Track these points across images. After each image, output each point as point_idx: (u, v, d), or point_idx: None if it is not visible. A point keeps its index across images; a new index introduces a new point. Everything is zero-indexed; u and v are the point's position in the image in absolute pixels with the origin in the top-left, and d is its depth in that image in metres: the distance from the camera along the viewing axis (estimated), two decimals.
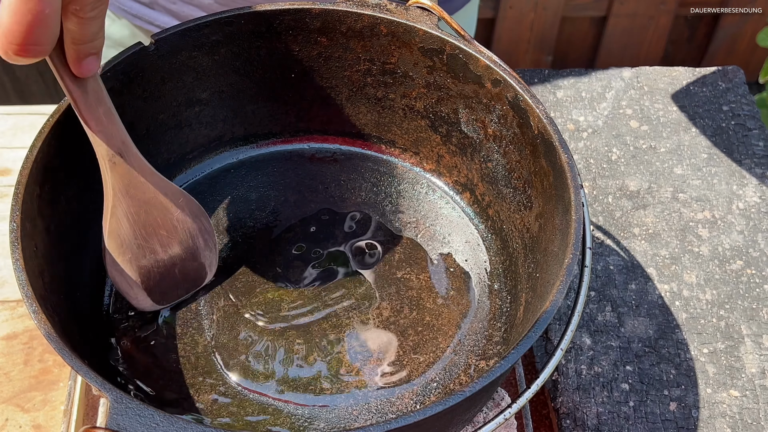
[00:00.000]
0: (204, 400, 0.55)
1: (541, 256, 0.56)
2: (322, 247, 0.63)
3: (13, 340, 0.68)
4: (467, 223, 0.66)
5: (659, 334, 0.70)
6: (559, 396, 0.66)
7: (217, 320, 0.59)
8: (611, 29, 1.74)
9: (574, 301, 0.52)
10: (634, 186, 0.81)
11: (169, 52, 0.59)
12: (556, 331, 0.70)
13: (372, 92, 0.66)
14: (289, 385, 0.56)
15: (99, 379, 0.41)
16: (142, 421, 0.39)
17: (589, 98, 0.88)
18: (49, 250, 0.51)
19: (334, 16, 0.60)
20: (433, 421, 0.42)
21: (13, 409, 0.64)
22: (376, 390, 0.56)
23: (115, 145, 0.51)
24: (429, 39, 0.60)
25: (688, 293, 0.73)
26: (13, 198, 0.48)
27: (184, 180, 0.66)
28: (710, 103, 0.89)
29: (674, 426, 0.64)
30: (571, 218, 0.50)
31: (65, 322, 0.49)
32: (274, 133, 0.69)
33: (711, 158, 0.83)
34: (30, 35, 0.40)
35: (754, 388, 0.67)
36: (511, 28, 1.73)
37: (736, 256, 0.75)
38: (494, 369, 0.43)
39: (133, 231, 0.54)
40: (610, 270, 0.74)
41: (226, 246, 0.63)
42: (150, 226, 0.55)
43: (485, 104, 0.60)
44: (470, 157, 0.64)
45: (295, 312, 0.59)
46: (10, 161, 0.81)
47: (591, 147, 0.84)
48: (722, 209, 0.79)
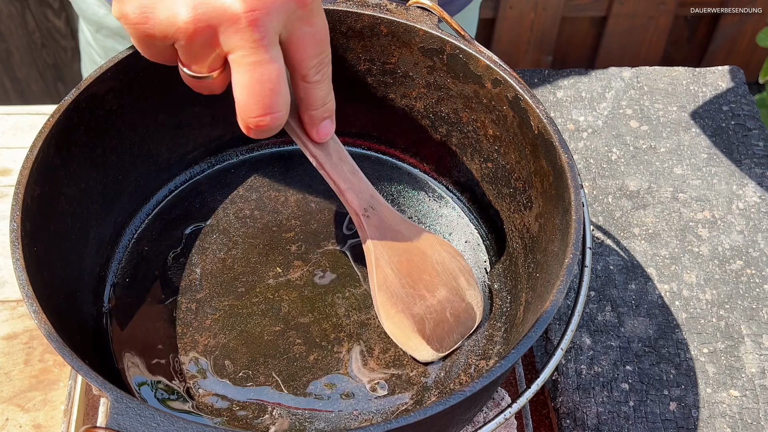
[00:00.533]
0: (203, 400, 0.55)
1: (541, 256, 0.56)
2: (323, 247, 0.63)
3: (13, 339, 0.68)
4: (467, 223, 0.66)
5: (659, 334, 0.70)
6: (559, 396, 0.66)
7: (217, 320, 0.59)
8: (611, 29, 1.74)
9: (574, 301, 0.52)
10: (634, 186, 0.81)
11: None
12: (556, 331, 0.70)
13: (372, 92, 0.66)
14: (289, 386, 0.56)
15: (99, 379, 0.41)
16: (142, 420, 0.39)
17: (589, 98, 0.88)
18: (49, 250, 0.51)
19: (334, 16, 0.60)
20: (433, 421, 0.42)
21: (13, 409, 0.64)
22: (376, 390, 0.56)
23: (365, 199, 0.53)
24: (429, 39, 0.60)
25: (688, 293, 0.73)
26: (13, 198, 0.48)
27: (184, 180, 0.66)
28: (710, 103, 0.89)
29: (674, 426, 0.64)
30: (571, 218, 0.50)
31: (65, 322, 0.49)
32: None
33: (711, 158, 0.83)
34: (264, 104, 0.44)
35: (754, 388, 0.67)
36: (511, 28, 1.73)
37: (736, 256, 0.75)
38: (494, 369, 0.43)
39: (399, 280, 0.55)
40: (610, 270, 0.74)
41: (226, 246, 0.63)
42: (413, 272, 0.55)
43: (485, 104, 0.60)
44: (470, 157, 0.64)
45: (295, 312, 0.59)
46: (10, 161, 0.81)
47: (591, 147, 0.84)
48: (722, 209, 0.79)
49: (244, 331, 0.58)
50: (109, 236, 0.61)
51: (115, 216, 0.61)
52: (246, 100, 0.44)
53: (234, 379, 0.56)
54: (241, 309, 0.59)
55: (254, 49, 0.43)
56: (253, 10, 0.42)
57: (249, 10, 0.42)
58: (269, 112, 0.44)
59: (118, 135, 0.58)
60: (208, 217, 0.65)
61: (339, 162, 0.52)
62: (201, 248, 0.63)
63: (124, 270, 0.61)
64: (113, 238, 0.61)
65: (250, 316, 0.59)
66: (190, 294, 0.60)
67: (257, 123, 0.45)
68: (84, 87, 0.53)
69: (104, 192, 0.59)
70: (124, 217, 0.62)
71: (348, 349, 0.58)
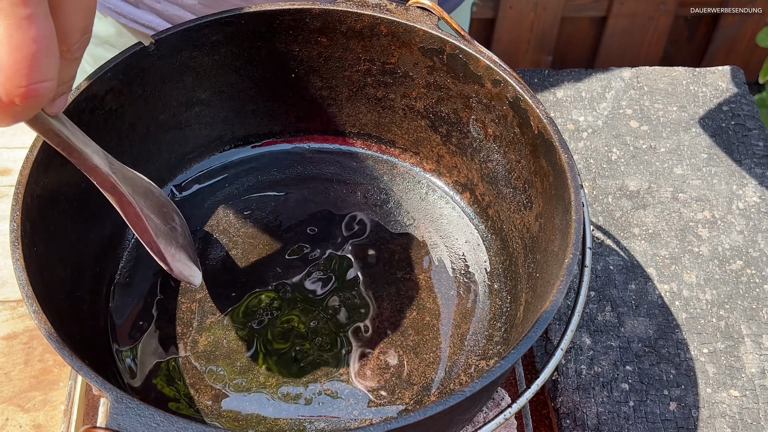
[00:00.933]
0: (203, 401, 0.55)
1: (541, 256, 0.56)
2: (322, 247, 0.63)
3: (13, 340, 0.68)
4: (467, 223, 0.66)
5: (659, 334, 0.70)
6: (559, 396, 0.66)
7: (217, 320, 0.59)
8: (611, 29, 1.74)
9: (574, 301, 0.52)
10: (634, 186, 0.81)
11: (169, 52, 0.59)
12: (556, 331, 0.70)
13: (372, 92, 0.66)
14: (289, 385, 0.56)
15: (99, 379, 0.41)
16: (142, 421, 0.39)
17: (589, 98, 0.88)
18: (49, 250, 0.51)
19: (334, 16, 0.60)
20: (433, 421, 0.42)
21: (13, 409, 0.64)
22: (376, 390, 0.56)
23: (105, 157, 0.50)
24: (429, 39, 0.60)
25: (688, 293, 0.73)
26: (13, 198, 0.48)
27: (184, 180, 0.66)
28: (710, 103, 0.89)
29: (674, 426, 0.64)
30: (571, 218, 0.50)
31: (65, 322, 0.49)
32: (274, 133, 0.69)
33: (711, 158, 0.83)
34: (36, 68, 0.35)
35: (754, 388, 0.67)
36: (511, 28, 1.73)
37: (736, 256, 0.75)
38: (494, 369, 0.43)
39: (161, 221, 0.55)
40: (610, 270, 0.74)
41: (226, 246, 0.63)
42: (159, 209, 0.55)
43: (485, 104, 0.60)
44: (470, 157, 0.64)
45: (295, 312, 0.59)
46: (10, 161, 0.81)
47: (591, 147, 0.84)
48: (722, 209, 0.79)
49: (243, 331, 0.58)
50: (109, 236, 0.61)
51: (115, 216, 0.61)
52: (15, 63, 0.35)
53: (234, 380, 0.56)
54: (240, 309, 0.59)
55: None
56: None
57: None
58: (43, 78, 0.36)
59: (117, 135, 0.58)
60: (208, 217, 0.65)
61: (74, 129, 0.46)
62: (201, 248, 0.63)
63: (124, 270, 0.61)
64: (113, 238, 0.61)
65: (249, 316, 0.59)
66: (190, 294, 0.60)
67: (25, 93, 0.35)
68: (84, 87, 0.53)
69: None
70: None
71: (348, 350, 0.58)
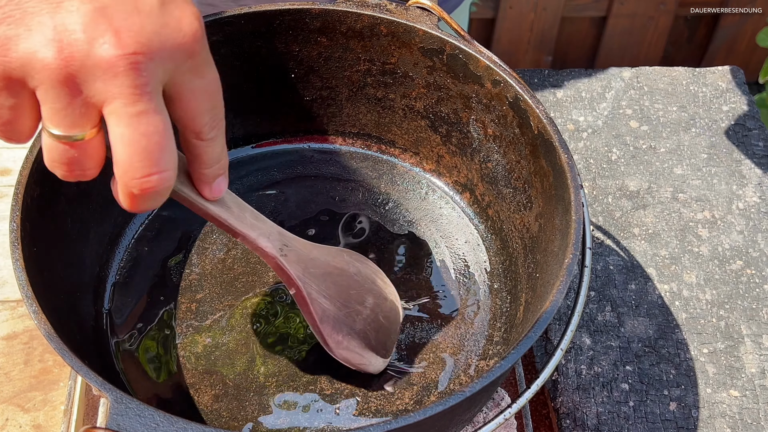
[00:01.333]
0: (203, 401, 0.55)
1: (541, 256, 0.56)
2: None
3: (13, 340, 0.68)
4: (467, 223, 0.66)
5: (659, 334, 0.70)
6: (559, 396, 0.66)
7: (217, 321, 0.59)
8: (611, 29, 1.74)
9: (574, 301, 0.52)
10: (634, 186, 0.81)
11: None
12: (556, 331, 0.70)
13: (372, 92, 0.66)
14: (288, 385, 0.56)
15: (99, 379, 0.41)
16: (142, 421, 0.39)
17: (589, 98, 0.88)
18: (49, 250, 0.51)
19: (334, 16, 0.60)
20: (433, 421, 0.42)
21: (13, 409, 0.64)
22: (376, 390, 0.56)
23: (276, 239, 0.50)
24: (429, 39, 0.60)
25: (688, 293, 0.73)
26: (13, 198, 0.48)
27: None
28: (710, 103, 0.89)
29: (674, 426, 0.64)
30: (571, 218, 0.50)
31: (65, 322, 0.49)
32: (274, 133, 0.69)
33: (711, 158, 0.83)
34: (151, 161, 0.37)
35: (754, 388, 0.67)
36: (511, 28, 1.73)
37: (736, 256, 0.75)
38: (494, 369, 0.43)
39: (334, 305, 0.53)
40: (610, 270, 0.74)
41: (226, 246, 0.63)
42: (342, 291, 0.54)
43: (485, 104, 0.60)
44: (470, 157, 0.64)
45: (294, 313, 0.59)
46: (10, 161, 0.81)
47: (591, 147, 0.84)
48: (722, 209, 0.79)
49: (243, 331, 0.58)
50: (109, 236, 0.61)
51: (115, 216, 0.61)
52: (129, 157, 0.37)
53: (233, 380, 0.56)
54: (240, 309, 0.59)
55: (137, 97, 0.36)
56: (135, 53, 0.35)
57: (130, 53, 0.35)
58: (157, 170, 0.37)
59: None
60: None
61: (240, 212, 0.48)
62: (200, 248, 0.63)
63: (124, 270, 0.61)
64: (113, 238, 0.61)
65: (249, 316, 0.59)
66: (189, 294, 0.60)
67: (143, 185, 0.37)
68: None
69: (104, 192, 0.58)
70: (124, 217, 0.62)
71: None
